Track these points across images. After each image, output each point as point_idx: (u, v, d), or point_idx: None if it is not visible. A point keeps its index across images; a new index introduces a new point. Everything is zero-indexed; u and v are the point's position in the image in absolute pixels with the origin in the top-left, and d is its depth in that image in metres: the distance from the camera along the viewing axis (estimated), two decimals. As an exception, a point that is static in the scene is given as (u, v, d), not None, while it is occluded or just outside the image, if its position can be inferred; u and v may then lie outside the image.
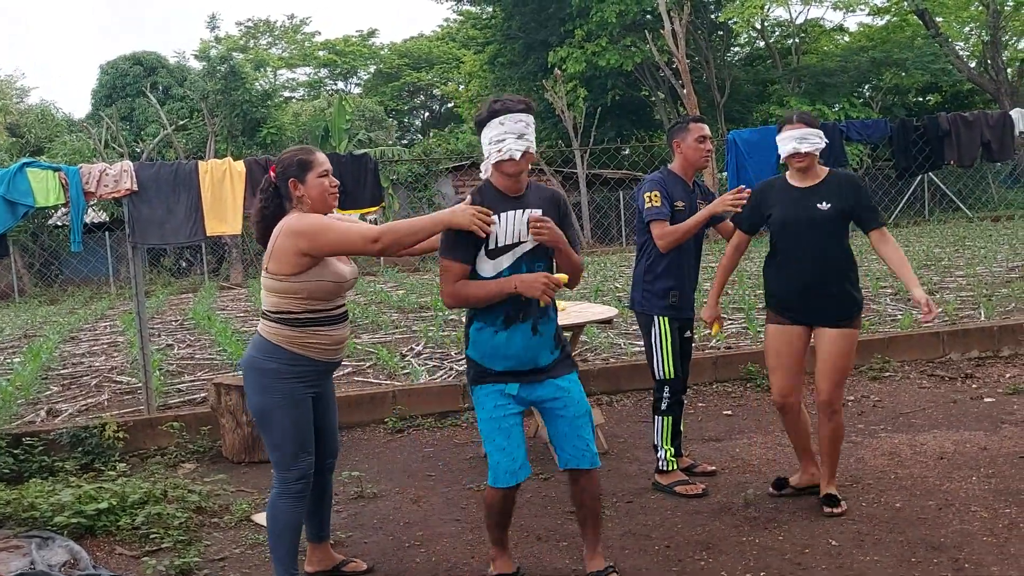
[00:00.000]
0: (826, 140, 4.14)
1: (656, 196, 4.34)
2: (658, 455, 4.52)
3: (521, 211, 3.24)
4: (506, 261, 3.24)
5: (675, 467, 4.50)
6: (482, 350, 3.29)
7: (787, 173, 4.13)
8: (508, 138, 3.17)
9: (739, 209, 4.21)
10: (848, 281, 4.01)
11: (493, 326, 3.24)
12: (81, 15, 74.14)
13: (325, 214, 3.39)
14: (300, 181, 3.32)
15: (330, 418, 3.61)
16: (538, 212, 3.25)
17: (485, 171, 3.34)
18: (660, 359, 4.46)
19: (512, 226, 3.23)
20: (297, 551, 3.45)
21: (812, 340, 4.07)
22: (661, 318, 4.44)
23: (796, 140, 3.95)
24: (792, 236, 4.01)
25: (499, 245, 3.23)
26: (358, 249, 3.26)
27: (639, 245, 4.55)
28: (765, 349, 4.20)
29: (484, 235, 3.17)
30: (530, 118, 3.23)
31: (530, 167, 3.33)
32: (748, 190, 4.21)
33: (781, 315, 4.09)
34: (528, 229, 3.20)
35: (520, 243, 3.23)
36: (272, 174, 3.37)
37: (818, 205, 3.96)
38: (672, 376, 4.46)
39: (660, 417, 4.50)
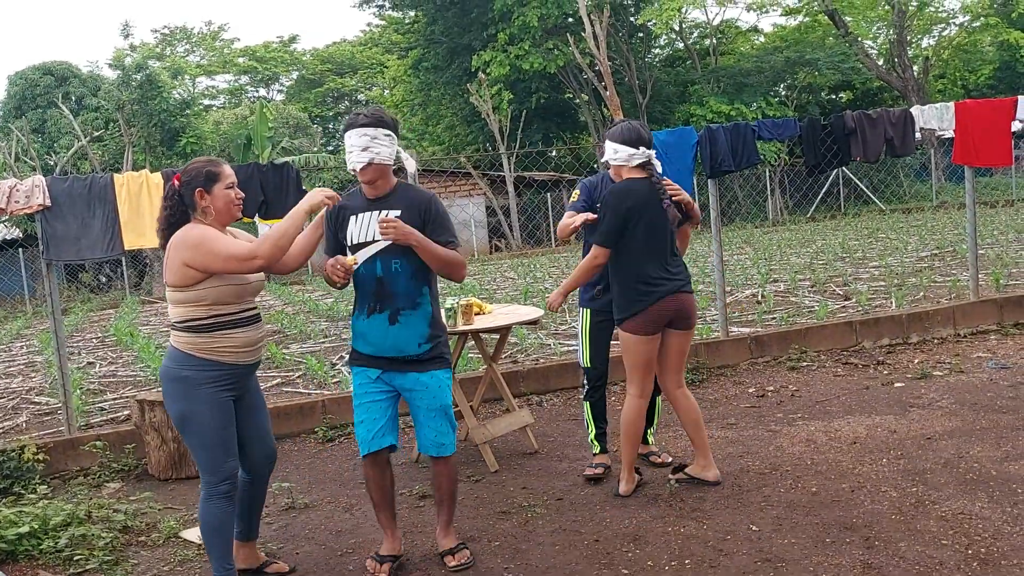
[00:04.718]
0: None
1: (576, 194, 4.63)
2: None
3: (378, 212, 3.55)
4: (363, 256, 3.53)
5: (597, 449, 4.77)
6: (354, 334, 3.67)
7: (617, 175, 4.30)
8: (353, 151, 3.50)
9: None
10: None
11: (361, 314, 3.61)
12: (-14, 23, 71.15)
13: (227, 224, 3.50)
14: (207, 191, 3.39)
15: (260, 422, 3.62)
16: (395, 213, 3.51)
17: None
18: (581, 348, 4.76)
19: (367, 226, 3.56)
20: (232, 546, 3.51)
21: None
22: (585, 310, 4.70)
23: None
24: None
25: (355, 242, 3.57)
26: (235, 269, 3.31)
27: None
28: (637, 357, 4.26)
29: (332, 206, 3.51)
30: (377, 131, 3.49)
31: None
32: None
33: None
34: (379, 229, 3.47)
35: (375, 241, 3.52)
36: (177, 183, 3.42)
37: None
38: (589, 365, 4.72)
39: (583, 403, 4.84)
